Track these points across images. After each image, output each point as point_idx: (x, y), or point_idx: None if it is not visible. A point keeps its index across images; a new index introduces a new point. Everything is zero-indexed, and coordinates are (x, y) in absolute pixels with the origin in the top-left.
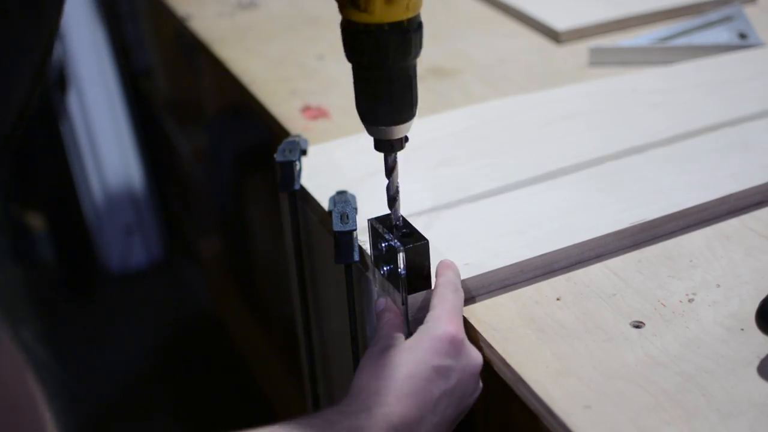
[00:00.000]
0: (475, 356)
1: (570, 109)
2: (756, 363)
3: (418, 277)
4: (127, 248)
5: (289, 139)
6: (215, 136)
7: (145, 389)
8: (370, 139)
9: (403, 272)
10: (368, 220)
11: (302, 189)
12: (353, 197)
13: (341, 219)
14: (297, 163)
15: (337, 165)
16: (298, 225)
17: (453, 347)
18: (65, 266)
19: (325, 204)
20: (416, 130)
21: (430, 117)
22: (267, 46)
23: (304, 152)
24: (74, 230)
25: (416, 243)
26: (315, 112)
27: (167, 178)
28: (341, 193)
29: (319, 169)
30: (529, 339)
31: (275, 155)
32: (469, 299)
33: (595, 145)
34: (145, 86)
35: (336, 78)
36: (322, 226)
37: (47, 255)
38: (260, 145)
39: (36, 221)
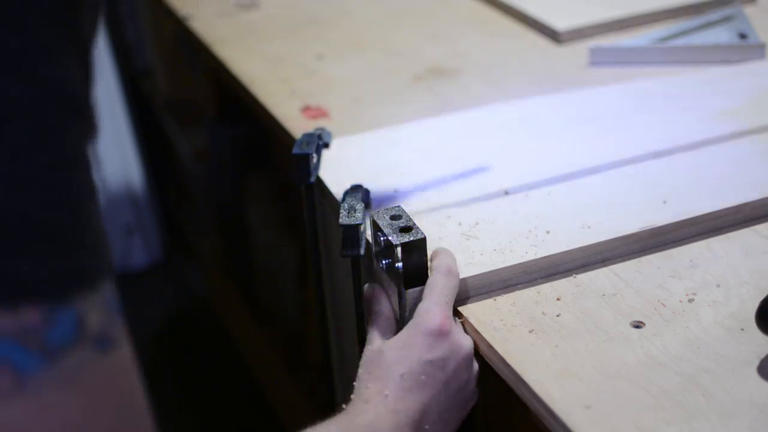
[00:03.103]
0: (465, 342)
1: (595, 112)
2: (756, 363)
3: (416, 271)
4: (127, 248)
5: (310, 131)
6: (215, 136)
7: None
8: (396, 135)
9: (400, 267)
10: (371, 212)
11: (320, 181)
12: (367, 192)
13: (348, 212)
14: (313, 155)
15: (359, 159)
16: (314, 217)
17: (442, 338)
18: None
19: (340, 197)
20: (435, 128)
21: (449, 116)
22: (267, 46)
23: (326, 145)
24: None
25: (413, 238)
26: (315, 112)
27: (167, 178)
28: (356, 187)
29: (339, 163)
30: (529, 339)
31: (293, 148)
32: (470, 298)
33: (616, 148)
34: (145, 86)
35: (336, 78)
36: (337, 219)
37: None
38: (260, 145)
39: None
